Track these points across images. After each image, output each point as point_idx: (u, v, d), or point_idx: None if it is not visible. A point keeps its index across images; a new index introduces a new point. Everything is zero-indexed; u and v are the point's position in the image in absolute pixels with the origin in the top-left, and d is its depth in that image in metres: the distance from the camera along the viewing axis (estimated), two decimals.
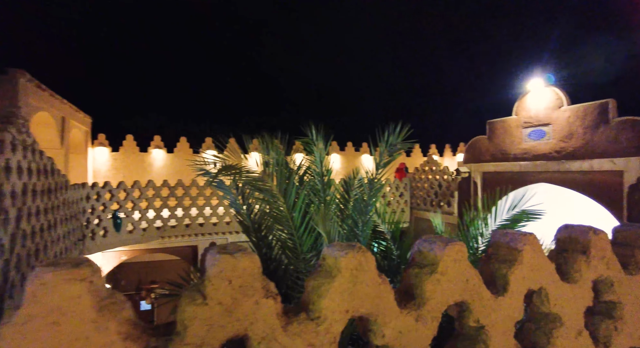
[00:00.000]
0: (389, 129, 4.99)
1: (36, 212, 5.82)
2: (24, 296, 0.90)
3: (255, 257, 1.13)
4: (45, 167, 6.30)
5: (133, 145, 16.80)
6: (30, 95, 10.39)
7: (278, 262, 4.79)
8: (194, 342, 1.04)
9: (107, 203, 9.33)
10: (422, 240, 1.51)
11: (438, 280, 1.37)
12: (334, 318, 1.21)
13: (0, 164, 4.74)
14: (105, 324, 0.96)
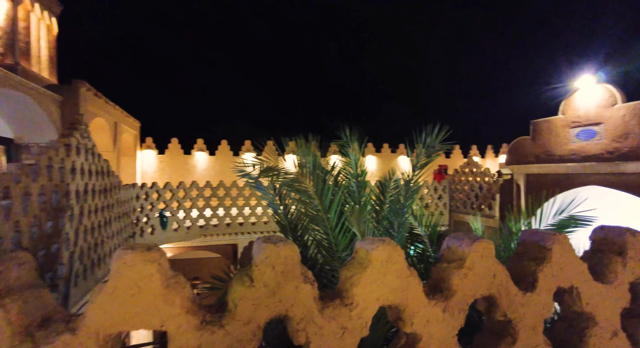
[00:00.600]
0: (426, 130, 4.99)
1: (95, 210, 6.38)
2: (110, 272, 1.10)
3: (295, 247, 1.28)
4: (102, 169, 6.88)
5: (178, 148, 17.73)
6: (89, 103, 11.32)
7: (314, 261, 4.93)
8: (242, 318, 1.20)
9: (155, 202, 9.95)
10: (451, 238, 1.59)
11: (465, 275, 1.45)
12: (365, 305, 1.33)
13: (67, 165, 5.27)
14: (171, 299, 1.14)
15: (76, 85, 10.57)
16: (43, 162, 4.50)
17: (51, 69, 13.32)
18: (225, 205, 11.14)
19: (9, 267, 1.13)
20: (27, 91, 8.73)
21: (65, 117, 10.24)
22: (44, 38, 13.02)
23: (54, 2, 13.53)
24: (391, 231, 5.15)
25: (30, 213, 4.13)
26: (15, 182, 3.84)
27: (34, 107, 9.15)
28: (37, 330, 1.09)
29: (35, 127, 9.83)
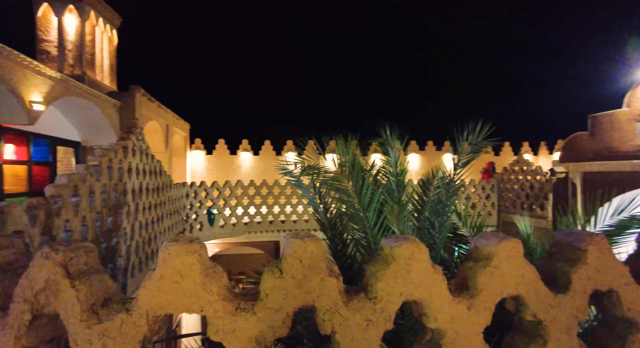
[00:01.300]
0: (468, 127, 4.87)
1: (149, 207, 6.90)
2: (158, 261, 1.26)
3: (321, 242, 1.37)
4: (155, 169, 7.42)
5: (224, 148, 18.52)
6: (143, 107, 12.18)
7: (353, 258, 4.99)
8: (273, 306, 1.31)
9: (203, 200, 10.51)
10: (478, 237, 1.60)
11: (491, 273, 1.46)
12: (388, 299, 1.39)
13: (125, 166, 5.76)
14: (209, 287, 1.28)
15: (132, 91, 11.42)
16: (104, 163, 4.96)
17: (112, 76, 14.47)
18: (268, 203, 11.50)
19: (80, 254, 1.32)
20: (91, 98, 9.59)
21: (123, 120, 11.11)
22: (106, 48, 14.17)
23: (115, 15, 14.67)
24: (432, 231, 5.08)
25: (94, 210, 4.59)
26: (82, 181, 4.28)
27: (96, 113, 10.02)
28: (100, 309, 1.27)
29: (98, 131, 10.75)
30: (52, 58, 12.48)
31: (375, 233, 4.46)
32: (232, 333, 1.29)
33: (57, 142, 10.30)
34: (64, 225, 3.89)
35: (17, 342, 1.30)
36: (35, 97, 7.29)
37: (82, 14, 12.45)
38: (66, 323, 1.26)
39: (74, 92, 8.71)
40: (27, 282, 1.29)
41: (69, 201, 3.96)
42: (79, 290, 1.24)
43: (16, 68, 6.92)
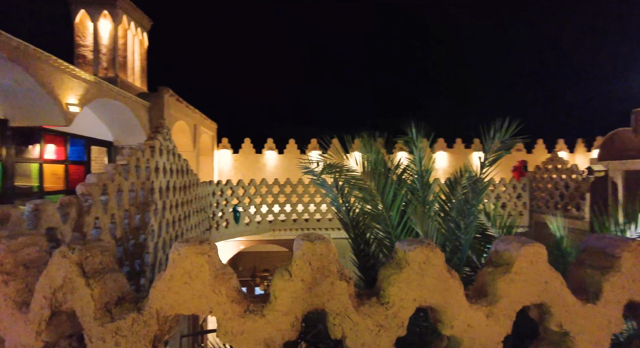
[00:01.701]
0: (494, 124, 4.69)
1: (175, 205, 7.08)
2: (168, 261, 1.27)
3: (331, 245, 1.33)
4: (182, 168, 7.60)
5: (250, 147, 18.80)
6: (171, 108, 12.53)
7: (375, 259, 4.91)
8: (282, 309, 1.30)
9: (228, 198, 10.70)
10: (498, 241, 1.52)
11: (512, 280, 1.38)
12: (401, 305, 1.34)
13: (152, 165, 5.94)
14: (218, 288, 1.27)
15: (161, 92, 11.76)
16: (132, 162, 5.13)
17: (142, 78, 14.96)
18: (291, 202, 11.56)
19: (95, 254, 1.35)
20: (122, 99, 9.95)
21: (152, 121, 11.47)
22: (137, 51, 14.67)
23: (146, 19, 15.16)
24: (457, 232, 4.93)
25: (122, 208, 4.75)
26: (111, 180, 4.45)
27: (127, 113, 10.39)
28: (114, 307, 1.30)
29: (129, 131, 11.16)
30: (88, 62, 13.05)
31: (399, 234, 4.37)
32: (241, 336, 1.28)
33: (91, 142, 10.77)
34: (94, 222, 4.05)
35: (38, 337, 1.35)
36: (71, 99, 7.64)
37: (115, 18, 12.93)
38: (82, 320, 1.30)
39: (106, 93, 9.07)
40: (46, 280, 1.33)
41: (99, 199, 4.12)
42: (93, 289, 1.27)
43: (54, 72, 7.28)
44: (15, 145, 7.91)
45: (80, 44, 13.12)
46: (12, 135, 7.73)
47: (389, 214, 4.41)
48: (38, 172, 8.62)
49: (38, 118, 7.57)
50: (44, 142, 8.74)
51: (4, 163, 7.63)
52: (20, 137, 8.04)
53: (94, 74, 12.33)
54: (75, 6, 12.97)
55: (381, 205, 4.45)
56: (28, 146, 8.44)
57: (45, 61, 7.01)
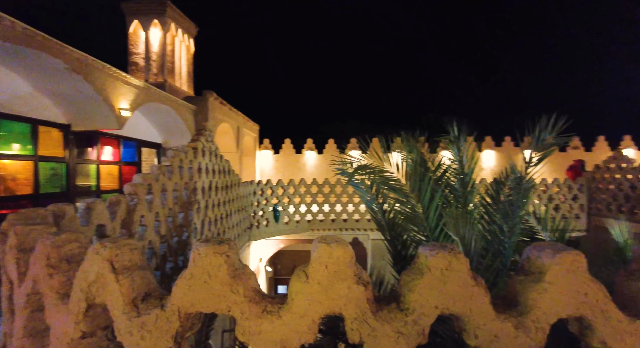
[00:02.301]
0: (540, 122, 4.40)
1: (217, 204, 7.36)
2: (189, 261, 1.32)
3: (348, 248, 1.31)
4: (224, 168, 7.88)
5: (290, 147, 19.10)
6: (216, 110, 13.02)
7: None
8: (298, 311, 1.30)
9: (269, 198, 10.93)
10: (531, 247, 1.41)
11: (544, 290, 1.28)
12: (422, 312, 1.29)
13: (195, 165, 6.21)
14: (236, 287, 1.30)
15: (206, 96, 12.27)
16: (175, 163, 5.40)
17: (189, 82, 15.70)
18: (330, 202, 11.58)
19: (124, 251, 1.43)
20: (170, 103, 10.51)
21: (198, 123, 12.00)
22: (184, 57, 15.42)
23: (192, 25, 15.90)
24: (500, 235, 4.68)
25: (166, 206, 5.02)
26: (155, 180, 4.71)
27: (174, 116, 10.96)
28: (141, 303, 1.37)
29: (176, 133, 11.76)
30: (140, 68, 13.93)
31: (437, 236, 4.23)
32: (258, 336, 1.30)
33: (142, 144, 11.48)
34: (140, 220, 4.31)
35: (76, 326, 1.46)
36: (123, 104, 8.19)
37: (165, 26, 13.67)
38: (112, 313, 1.38)
39: (154, 98, 9.62)
40: (82, 274, 1.43)
41: (144, 198, 4.37)
42: (122, 285, 1.35)
43: (109, 79, 7.84)
44: (76, 148, 8.63)
45: (134, 52, 14.02)
46: (74, 139, 8.44)
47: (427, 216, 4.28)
48: (95, 173, 9.33)
49: (95, 122, 8.20)
50: (100, 144, 9.45)
51: (68, 164, 8.34)
52: (80, 141, 8.76)
53: (145, 79, 13.14)
54: (130, 17, 13.89)
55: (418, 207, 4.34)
56: (87, 149, 9.17)
57: (101, 70, 7.57)
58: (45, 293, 1.60)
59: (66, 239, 1.63)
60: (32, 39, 5.90)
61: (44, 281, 1.59)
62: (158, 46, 13.93)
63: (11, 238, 1.85)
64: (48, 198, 7.62)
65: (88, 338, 1.50)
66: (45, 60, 6.43)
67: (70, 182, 8.31)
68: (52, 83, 7.24)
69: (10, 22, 5.48)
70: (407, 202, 4.51)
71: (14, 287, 1.87)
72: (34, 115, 7.49)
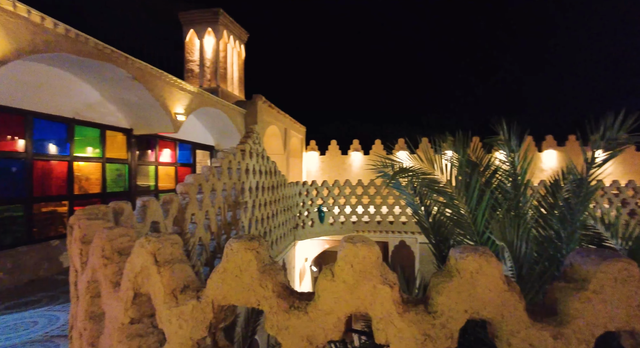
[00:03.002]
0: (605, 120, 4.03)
1: (264, 204, 7.59)
2: (222, 255, 1.39)
3: (374, 248, 1.31)
4: (270, 169, 8.12)
5: (336, 148, 19.18)
6: (264, 113, 13.44)
7: None
8: (324, 309, 1.32)
9: (314, 198, 11.07)
10: (575, 253, 1.31)
11: (588, 299, 1.19)
12: (450, 315, 1.26)
13: (243, 167, 6.47)
14: (265, 283, 1.35)
15: (255, 100, 12.71)
16: (224, 164, 5.66)
17: (240, 86, 16.36)
18: (375, 203, 11.45)
19: (166, 246, 1.55)
20: (222, 108, 11.02)
21: (247, 126, 12.46)
22: (235, 62, 16.09)
23: (243, 32, 16.55)
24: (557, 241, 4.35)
25: (215, 205, 5.28)
26: (205, 180, 4.98)
27: (226, 120, 11.47)
28: (179, 294, 1.47)
29: (227, 136, 12.30)
30: (195, 75, 14.75)
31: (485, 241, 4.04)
32: (285, 330, 1.34)
33: (196, 146, 12.15)
34: (191, 218, 4.58)
35: (126, 313, 1.60)
36: (179, 109, 8.74)
37: (217, 34, 14.36)
38: (154, 302, 1.50)
39: (207, 103, 10.15)
40: (130, 265, 1.57)
41: (195, 198, 4.64)
42: (163, 276, 1.46)
43: (166, 86, 8.42)
44: (137, 151, 9.35)
45: (189, 59, 14.88)
46: (135, 142, 9.16)
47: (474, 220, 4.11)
48: (154, 173, 10.05)
49: (154, 126, 8.84)
50: (158, 147, 10.15)
51: (130, 165, 9.07)
52: (141, 144, 9.49)
53: (199, 85, 13.90)
54: (187, 27, 14.77)
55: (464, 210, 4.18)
56: (147, 151, 9.90)
57: (159, 78, 8.14)
58: (101, 281, 1.77)
59: (118, 233, 1.80)
60: (101, 52, 6.50)
61: (99, 270, 1.76)
62: (211, 53, 14.66)
63: (76, 231, 2.08)
64: (114, 196, 8.34)
65: (136, 324, 1.63)
66: (111, 71, 7.05)
67: (132, 182, 9.03)
68: (117, 91, 7.92)
69: (84, 38, 6.08)
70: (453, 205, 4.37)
71: (78, 275, 2.09)
72: (102, 121, 8.24)
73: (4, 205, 6.34)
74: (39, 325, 4.45)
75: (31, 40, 5.08)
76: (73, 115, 7.50)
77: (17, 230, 6.40)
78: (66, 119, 7.33)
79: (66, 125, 7.35)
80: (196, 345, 1.42)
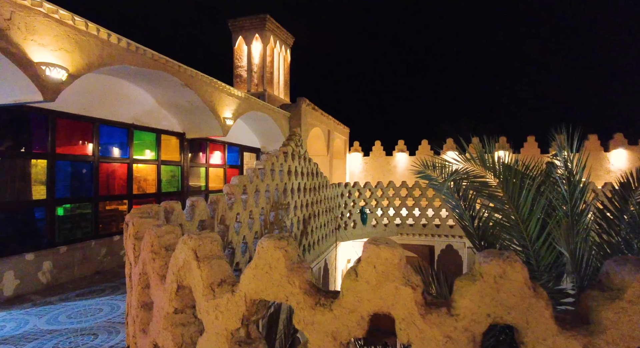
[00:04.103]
0: None
1: (306, 204, 7.75)
2: (255, 252, 1.50)
3: (397, 250, 1.35)
4: (312, 171, 8.27)
5: (380, 149, 18.98)
6: (308, 116, 13.67)
7: None
8: (348, 307, 1.38)
9: (356, 200, 11.06)
10: (611, 260, 1.26)
11: (623, 309, 1.13)
12: (473, 318, 1.26)
13: (285, 168, 6.67)
14: (292, 279, 1.44)
15: (299, 103, 12.97)
16: (267, 166, 5.88)
17: (285, 90, 16.76)
18: (421, 206, 11.20)
19: (206, 243, 1.69)
20: (267, 111, 11.39)
21: (292, 128, 12.76)
22: (281, 66, 16.52)
23: (289, 36, 16.94)
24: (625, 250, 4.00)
25: (259, 206, 5.50)
26: (249, 181, 5.21)
27: (271, 123, 11.83)
28: (217, 287, 1.60)
29: (273, 138, 12.66)
30: (243, 80, 15.35)
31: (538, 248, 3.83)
32: (312, 326, 1.41)
33: (244, 149, 12.65)
34: (236, 217, 4.82)
35: (170, 303, 1.76)
36: (227, 114, 9.17)
37: (264, 40, 14.83)
38: (194, 295, 1.64)
39: (254, 107, 10.55)
40: (174, 260, 1.73)
41: (240, 198, 4.88)
42: (202, 270, 1.60)
43: (215, 92, 8.88)
44: (190, 153, 9.94)
45: (238, 65, 15.51)
46: (187, 145, 9.75)
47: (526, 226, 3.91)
48: (205, 175, 10.61)
49: (204, 130, 9.35)
50: (209, 150, 10.71)
51: (182, 167, 9.67)
52: (192, 147, 10.08)
53: (247, 90, 14.45)
54: (235, 34, 15.41)
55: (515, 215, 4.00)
56: (198, 153, 10.49)
57: (209, 84, 8.61)
58: (150, 273, 1.96)
59: (165, 231, 1.98)
60: (157, 62, 7.02)
61: (149, 264, 1.96)
62: (259, 58, 15.17)
63: (130, 228, 2.31)
64: (168, 196, 8.95)
65: (179, 314, 1.80)
66: (165, 79, 7.58)
67: (184, 183, 9.62)
68: (170, 97, 8.49)
69: (142, 50, 6.62)
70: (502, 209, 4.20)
71: (132, 267, 2.31)
72: (157, 126, 8.88)
73: (76, 203, 7.06)
74: (104, 312, 4.93)
75: (99, 55, 5.62)
76: (132, 121, 8.16)
77: (86, 226, 7.10)
78: (126, 125, 8.00)
79: (126, 130, 8.02)
80: (230, 336, 1.54)
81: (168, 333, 1.77)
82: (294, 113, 13.02)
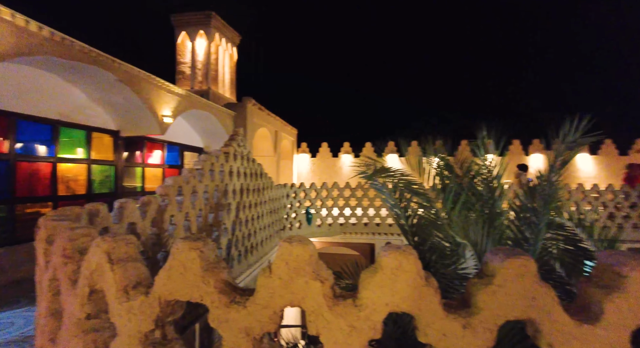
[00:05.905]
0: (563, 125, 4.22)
1: (249, 206, 7.68)
2: (169, 254, 1.50)
3: (308, 247, 1.43)
4: (256, 171, 8.21)
5: (327, 151, 19.31)
6: (254, 116, 13.53)
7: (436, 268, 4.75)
8: (261, 303, 1.43)
9: (302, 200, 11.17)
10: (490, 252, 1.45)
11: (494, 292, 1.32)
12: (374, 308, 1.38)
13: (226, 169, 6.56)
14: (207, 279, 1.46)
15: (244, 102, 12.81)
16: (206, 167, 5.76)
17: (231, 89, 16.43)
18: (363, 206, 11.59)
19: (121, 245, 1.65)
20: (210, 110, 11.11)
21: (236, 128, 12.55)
22: (227, 64, 16.16)
23: (236, 34, 16.62)
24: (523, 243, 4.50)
25: (196, 207, 5.37)
26: (185, 182, 5.07)
27: (214, 122, 11.55)
28: (131, 290, 1.57)
29: (216, 138, 12.37)
30: (186, 77, 14.80)
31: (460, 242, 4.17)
32: (226, 323, 1.45)
33: (185, 148, 12.20)
34: (170, 220, 4.66)
35: (82, 308, 1.70)
36: (166, 112, 8.81)
37: (209, 36, 14.43)
38: (107, 298, 1.60)
39: (196, 105, 10.24)
40: (86, 263, 1.67)
41: (174, 199, 4.73)
42: (115, 273, 1.56)
43: (153, 89, 8.50)
44: (125, 152, 9.40)
45: (181, 61, 14.93)
46: (122, 144, 9.22)
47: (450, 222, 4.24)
48: (141, 175, 10.09)
49: (141, 128, 8.90)
50: (146, 149, 10.20)
51: (117, 167, 9.12)
52: (128, 145, 9.54)
53: (190, 87, 13.96)
54: (178, 29, 14.81)
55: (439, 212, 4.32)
56: (134, 153, 9.95)
57: (147, 80, 8.22)
58: (61, 279, 1.87)
59: (80, 233, 1.90)
60: (87, 56, 6.57)
61: (60, 269, 1.86)
62: (203, 55, 14.72)
63: (42, 232, 2.17)
64: (100, 197, 8.38)
65: (92, 319, 1.74)
66: (98, 74, 7.13)
67: (119, 183, 9.08)
68: (104, 93, 7.99)
69: (69, 41, 6.16)
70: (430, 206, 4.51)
71: (42, 273, 2.18)
72: (88, 123, 8.29)
73: None
74: (16, 325, 4.51)
75: (15, 43, 5.14)
76: (58, 117, 7.55)
77: (1, 231, 6.44)
78: (51, 121, 7.38)
79: (51, 127, 7.40)
80: (144, 337, 1.52)
81: (79, 340, 1.70)
82: (240, 112, 12.83)
